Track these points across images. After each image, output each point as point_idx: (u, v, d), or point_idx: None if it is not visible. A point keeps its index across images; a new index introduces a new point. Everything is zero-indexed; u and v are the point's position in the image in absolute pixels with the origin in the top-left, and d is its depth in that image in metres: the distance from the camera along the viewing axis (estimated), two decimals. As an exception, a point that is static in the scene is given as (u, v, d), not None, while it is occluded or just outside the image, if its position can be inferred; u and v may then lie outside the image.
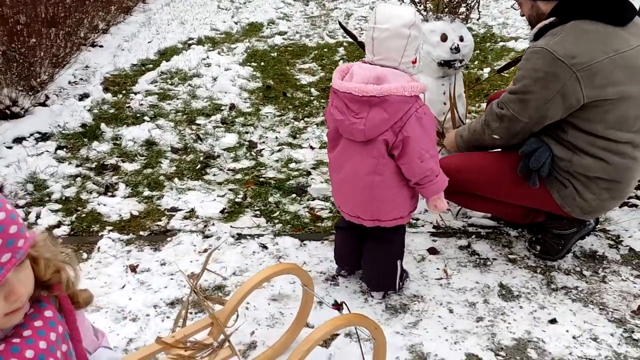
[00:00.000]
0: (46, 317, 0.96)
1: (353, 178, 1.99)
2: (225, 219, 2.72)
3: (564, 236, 2.42)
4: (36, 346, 0.92)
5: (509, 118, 2.19)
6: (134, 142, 3.41)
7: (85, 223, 2.65)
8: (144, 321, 2.06)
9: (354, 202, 2.04)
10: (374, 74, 1.85)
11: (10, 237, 0.84)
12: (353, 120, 1.87)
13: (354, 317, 1.59)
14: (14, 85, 3.59)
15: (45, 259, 0.96)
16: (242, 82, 4.35)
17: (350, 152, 1.96)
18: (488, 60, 5.15)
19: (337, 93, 1.92)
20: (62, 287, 0.99)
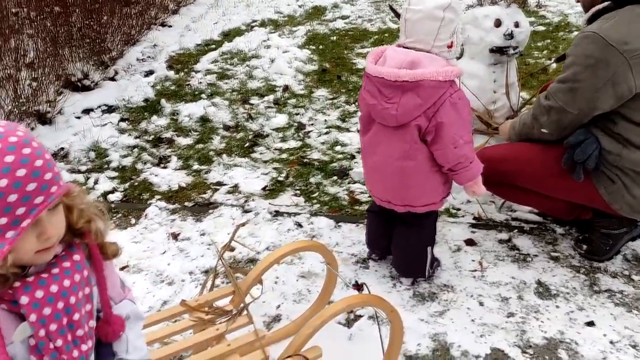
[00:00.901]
0: (74, 260, 1.05)
1: (385, 163, 1.98)
2: (265, 195, 2.79)
3: (612, 236, 2.29)
4: (61, 283, 1.01)
5: (557, 110, 2.09)
6: (190, 118, 3.55)
7: (137, 191, 2.80)
8: (178, 286, 2.17)
9: (385, 187, 2.03)
10: (409, 58, 1.82)
11: (44, 183, 0.93)
12: (385, 105, 1.86)
13: (370, 298, 1.60)
14: (86, 59, 3.83)
15: (79, 209, 1.05)
16: (298, 65, 4.39)
17: (382, 137, 1.96)
18: (558, 51, 4.90)
19: (369, 77, 1.90)
20: (91, 236, 1.08)
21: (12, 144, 0.92)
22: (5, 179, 0.90)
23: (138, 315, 1.27)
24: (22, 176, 0.91)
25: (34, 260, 1.00)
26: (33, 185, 0.92)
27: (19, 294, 0.98)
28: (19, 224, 0.92)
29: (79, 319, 1.05)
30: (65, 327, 1.02)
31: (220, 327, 1.59)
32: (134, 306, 1.26)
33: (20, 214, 0.92)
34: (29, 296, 0.98)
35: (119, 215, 2.61)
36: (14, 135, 0.93)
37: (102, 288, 1.13)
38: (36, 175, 0.92)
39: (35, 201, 0.93)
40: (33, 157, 0.93)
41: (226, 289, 1.76)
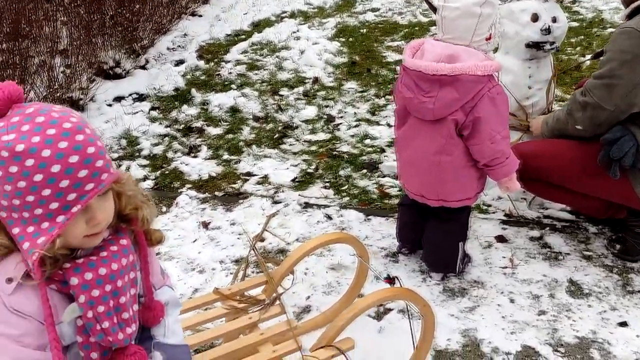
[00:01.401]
0: (121, 244, 1.07)
1: (420, 157, 1.97)
2: (295, 187, 2.80)
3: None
4: (109, 266, 1.04)
5: (593, 106, 2.05)
6: (220, 108, 3.57)
7: (168, 179, 2.84)
8: (209, 274, 2.19)
9: (420, 181, 2.02)
10: (447, 52, 1.81)
11: (95, 170, 0.95)
12: (422, 99, 1.84)
13: (402, 292, 1.60)
14: (118, 48, 3.88)
15: (127, 196, 1.07)
16: (328, 57, 4.38)
17: (417, 131, 1.94)
18: (592, 47, 4.79)
19: (406, 70, 1.89)
20: (138, 223, 1.10)
21: (66, 130, 0.93)
22: (58, 165, 0.91)
23: (176, 301, 1.30)
24: (75, 162, 0.93)
25: (82, 244, 1.02)
26: (85, 172, 0.94)
27: (69, 275, 1.00)
28: (69, 209, 0.94)
29: (125, 302, 1.07)
30: (112, 309, 1.05)
31: (253, 316, 1.60)
32: (172, 292, 1.29)
33: (71, 200, 0.94)
34: (78, 277, 1.01)
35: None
36: (68, 121, 0.94)
37: (145, 274, 1.15)
38: (88, 162, 0.94)
39: (86, 188, 0.95)
40: (86, 143, 0.94)
41: (258, 278, 1.77)
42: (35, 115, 0.93)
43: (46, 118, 0.93)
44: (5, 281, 0.97)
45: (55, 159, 0.91)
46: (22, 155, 0.90)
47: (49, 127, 0.92)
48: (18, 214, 0.94)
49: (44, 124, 0.92)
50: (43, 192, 0.92)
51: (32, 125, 0.92)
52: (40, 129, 0.92)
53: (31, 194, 0.92)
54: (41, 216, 0.94)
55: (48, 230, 0.94)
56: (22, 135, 0.91)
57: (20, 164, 0.90)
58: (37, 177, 0.91)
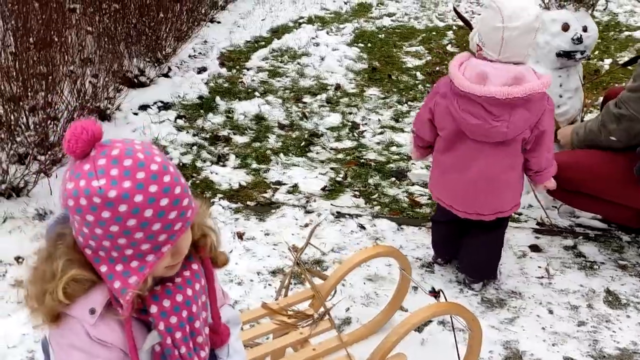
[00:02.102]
0: (193, 269, 1.09)
1: (486, 178, 1.96)
2: (326, 196, 2.81)
3: None
4: (185, 292, 1.06)
5: (629, 118, 2.07)
6: (245, 116, 3.59)
7: (199, 189, 2.86)
8: (248, 286, 2.21)
9: (482, 200, 2.01)
10: (512, 74, 1.82)
11: (183, 209, 0.97)
12: (494, 124, 1.85)
13: (453, 307, 1.62)
14: (142, 56, 3.90)
15: (197, 223, 1.08)
16: (348, 63, 4.40)
17: (477, 153, 1.94)
18: (610, 51, 4.80)
19: (467, 96, 1.85)
20: (206, 250, 1.11)
21: (154, 172, 0.93)
22: (151, 209, 0.92)
23: (237, 319, 1.31)
24: (165, 205, 0.94)
25: (164, 274, 1.04)
26: (174, 214, 0.95)
27: (149, 303, 1.02)
28: (159, 249, 0.96)
29: (199, 326, 1.09)
30: (188, 334, 1.07)
31: (304, 331, 1.62)
32: (233, 311, 1.30)
33: (162, 240, 0.96)
34: (157, 305, 1.03)
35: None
36: (154, 162, 0.94)
37: (212, 299, 1.16)
38: (176, 203, 0.95)
39: (175, 227, 0.96)
40: (173, 184, 0.95)
41: (304, 292, 1.79)
42: (122, 157, 0.93)
43: (133, 160, 0.93)
44: (89, 312, 0.98)
45: (147, 204, 0.92)
46: (115, 202, 0.91)
47: (138, 170, 0.93)
48: (106, 254, 0.96)
49: (132, 168, 0.93)
50: (135, 235, 0.93)
51: (121, 169, 0.92)
52: (129, 173, 0.92)
53: (123, 237, 0.93)
54: (131, 256, 0.95)
55: (139, 270, 0.95)
56: (112, 181, 0.91)
57: (112, 210, 0.91)
58: (130, 222, 0.92)
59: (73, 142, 0.94)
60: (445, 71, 4.50)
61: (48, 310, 0.98)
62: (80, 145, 0.94)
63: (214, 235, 1.13)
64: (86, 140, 0.94)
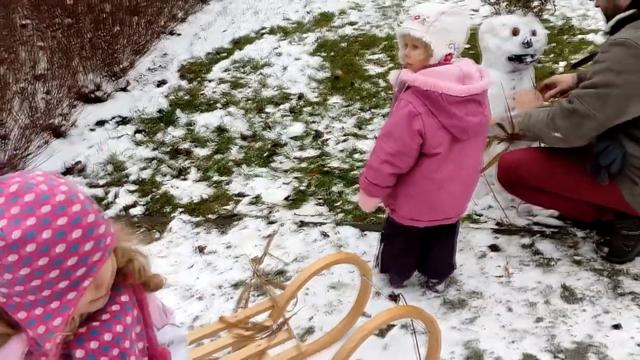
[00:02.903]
0: (122, 301, 1.03)
1: (471, 179, 2.04)
2: (289, 206, 2.81)
3: (632, 237, 2.32)
4: (113, 329, 0.99)
5: (581, 115, 2.07)
6: (206, 128, 3.57)
7: (159, 204, 2.82)
8: (209, 300, 2.18)
9: (464, 202, 2.08)
10: (476, 66, 1.93)
11: (99, 238, 0.90)
12: (486, 114, 1.95)
13: (411, 310, 1.63)
14: (98, 70, 3.85)
15: (121, 249, 1.02)
16: (311, 72, 4.41)
17: (464, 153, 1.94)
18: (564, 54, 4.93)
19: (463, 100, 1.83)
20: (134, 276, 1.05)
21: (61, 203, 0.86)
22: (62, 244, 0.85)
23: (181, 338, 1.26)
24: (78, 237, 0.86)
25: (89, 309, 0.98)
26: (90, 245, 0.88)
27: (73, 347, 0.96)
28: (79, 285, 0.89)
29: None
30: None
31: (262, 343, 1.61)
32: (176, 330, 1.25)
33: (81, 275, 0.88)
34: (83, 349, 0.96)
35: (142, 229, 2.63)
36: (59, 191, 0.87)
37: (147, 327, 1.10)
38: (90, 232, 0.88)
39: (93, 259, 0.89)
40: (84, 213, 0.88)
41: (263, 303, 1.78)
42: (21, 193, 0.84)
43: (35, 194, 0.85)
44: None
45: (57, 239, 0.84)
46: (20, 242, 0.82)
47: (42, 204, 0.84)
48: (21, 299, 0.87)
49: (34, 203, 0.84)
50: (50, 274, 0.85)
51: (22, 205, 0.84)
52: (32, 209, 0.84)
53: (37, 279, 0.85)
54: (49, 297, 0.87)
55: (61, 310, 0.88)
56: (14, 220, 0.83)
57: (19, 252, 0.83)
58: (41, 261, 0.84)
59: None
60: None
61: None
62: None
63: (141, 259, 1.07)
64: None
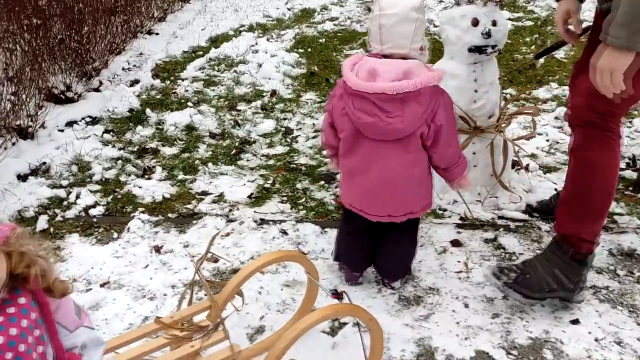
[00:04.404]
0: (19, 304, 1.01)
1: (389, 178, 1.93)
2: (251, 204, 2.77)
3: None
4: (6, 332, 0.98)
5: None
6: (176, 126, 3.53)
7: (120, 204, 2.78)
8: (160, 300, 2.15)
9: (390, 202, 1.97)
10: (402, 68, 1.80)
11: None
12: (389, 121, 1.82)
13: (346, 307, 1.59)
14: (68, 71, 3.81)
15: (18, 253, 1.00)
16: (286, 69, 4.37)
17: (378, 152, 1.90)
18: (546, 45, 4.87)
19: (361, 95, 1.82)
20: (33, 281, 1.03)
21: None
22: None
23: (97, 341, 1.23)
24: None
25: None
26: None
27: None
28: None
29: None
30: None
31: (196, 344, 1.57)
32: (91, 332, 1.22)
33: None
34: None
35: (101, 230, 2.59)
36: None
37: (52, 333, 1.08)
38: None
39: None
40: None
41: (203, 303, 1.74)
42: None
43: None
44: None
45: None
46: None
47: None
48: None
49: None
50: None
51: None
52: None
53: None
54: None
55: None
56: None
57: None
58: None
59: None
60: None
61: None
62: None
63: (43, 264, 1.05)
64: None
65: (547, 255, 2.06)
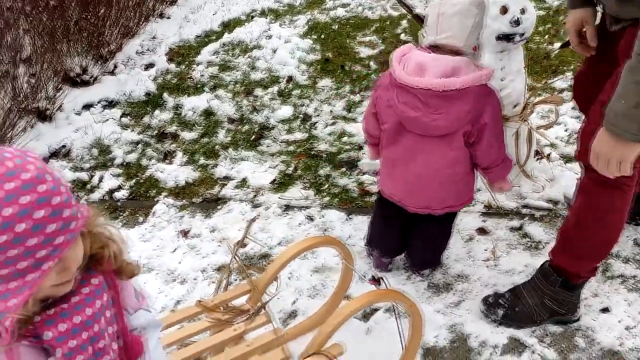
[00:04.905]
0: (94, 285, 1.01)
1: (430, 172, 1.92)
2: (275, 189, 2.77)
3: None
4: (83, 312, 0.98)
5: None
6: (193, 111, 3.51)
7: (144, 188, 2.78)
8: (191, 284, 2.15)
9: (430, 196, 1.97)
10: (450, 65, 1.78)
11: (64, 221, 0.87)
12: (433, 117, 1.80)
13: (389, 293, 1.59)
14: (84, 54, 3.77)
15: (93, 234, 1.00)
16: (301, 55, 4.34)
17: (421, 147, 1.89)
18: (560, 35, 4.86)
19: (407, 89, 1.80)
20: (106, 262, 1.03)
21: (26, 182, 0.84)
22: (23, 224, 0.83)
23: (155, 323, 1.24)
24: (41, 218, 0.84)
25: (52, 294, 0.96)
26: (53, 227, 0.86)
27: (42, 329, 0.94)
28: (39, 267, 0.86)
29: (104, 346, 1.02)
30: (92, 355, 1.00)
31: (239, 328, 1.57)
32: (149, 315, 1.22)
33: (42, 257, 0.86)
34: (52, 331, 0.94)
35: (126, 214, 2.59)
36: (26, 170, 0.85)
37: (120, 315, 1.08)
38: (55, 214, 0.86)
39: (56, 242, 0.87)
40: (50, 194, 0.86)
41: (241, 287, 1.74)
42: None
43: (1, 171, 0.83)
44: None
45: (19, 217, 0.83)
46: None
47: (7, 180, 0.83)
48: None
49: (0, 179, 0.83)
50: (9, 252, 0.83)
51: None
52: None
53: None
54: (7, 276, 0.85)
55: (18, 291, 0.85)
56: None
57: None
58: (1, 238, 0.82)
59: None
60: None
61: None
62: None
63: (115, 246, 1.05)
64: None
65: (535, 283, 1.97)
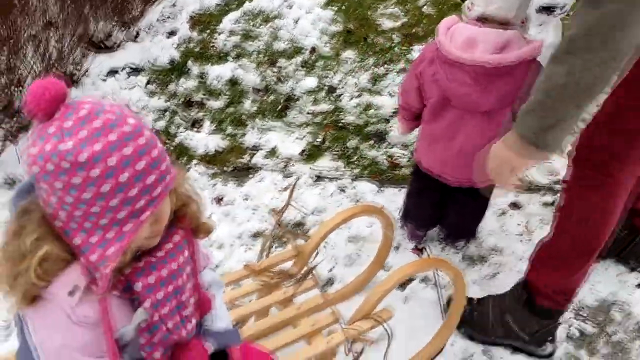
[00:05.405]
0: (175, 241, 1.04)
1: (473, 147, 1.82)
2: (305, 160, 2.77)
3: None
4: (169, 266, 1.01)
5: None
6: (218, 80, 3.49)
7: (174, 155, 2.78)
8: (229, 250, 2.17)
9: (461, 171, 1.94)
10: (502, 39, 1.73)
11: (162, 173, 0.90)
12: (482, 94, 1.77)
13: (438, 262, 1.61)
14: (109, 19, 3.73)
15: (177, 191, 1.02)
16: (323, 26, 4.28)
17: (465, 123, 1.86)
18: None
19: (454, 64, 1.76)
20: (187, 219, 1.06)
21: (128, 133, 0.86)
22: (126, 173, 0.85)
23: (218, 282, 1.27)
24: (142, 168, 0.86)
25: (143, 246, 0.98)
26: (153, 177, 0.88)
27: (133, 279, 0.97)
28: (138, 217, 0.88)
29: (186, 299, 1.05)
30: (175, 308, 1.03)
31: (287, 291, 1.59)
32: (214, 274, 1.26)
33: (140, 207, 0.88)
34: (142, 282, 0.97)
35: (159, 180, 2.60)
36: (126, 123, 0.87)
37: (195, 272, 1.10)
38: (154, 166, 0.88)
39: (154, 193, 0.89)
40: (149, 146, 0.88)
41: (286, 252, 1.76)
42: (91, 118, 0.85)
43: (103, 122, 0.85)
44: (68, 294, 0.91)
45: (122, 167, 0.84)
46: (86, 165, 0.83)
47: (109, 131, 0.84)
48: (79, 225, 0.88)
49: (103, 129, 0.84)
50: (110, 202, 0.85)
51: (91, 130, 0.84)
52: (99, 134, 0.84)
53: (97, 205, 0.85)
54: (107, 226, 0.87)
55: (117, 240, 0.88)
56: (81, 143, 0.83)
57: (84, 175, 0.83)
58: (104, 187, 0.84)
59: (34, 104, 0.85)
60: (422, 33, 4.35)
61: (22, 294, 0.91)
62: (43, 107, 0.85)
63: (195, 205, 1.08)
64: (48, 100, 0.85)
65: (503, 296, 1.82)
